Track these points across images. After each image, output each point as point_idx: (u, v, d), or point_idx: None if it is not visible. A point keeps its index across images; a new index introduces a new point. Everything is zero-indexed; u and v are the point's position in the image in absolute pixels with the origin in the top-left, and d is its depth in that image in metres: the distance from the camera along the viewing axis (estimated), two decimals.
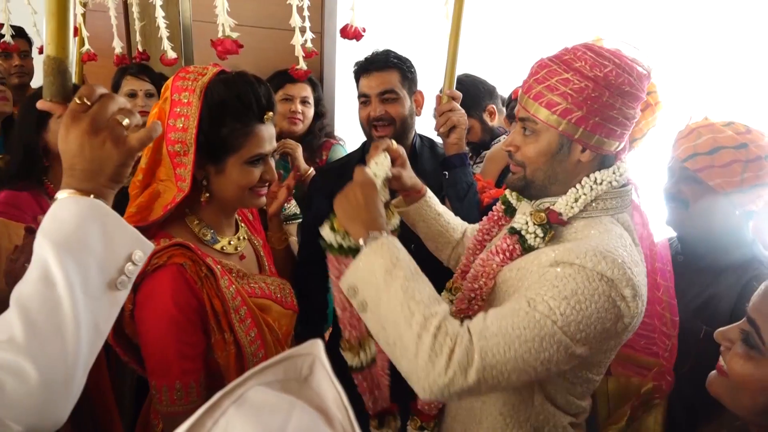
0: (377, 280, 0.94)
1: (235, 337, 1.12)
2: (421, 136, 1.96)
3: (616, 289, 0.94)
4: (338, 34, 1.78)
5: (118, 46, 2.38)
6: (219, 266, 1.14)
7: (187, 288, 1.07)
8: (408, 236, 1.31)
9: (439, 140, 1.88)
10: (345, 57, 2.07)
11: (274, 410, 0.47)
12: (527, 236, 1.07)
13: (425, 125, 2.00)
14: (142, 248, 0.80)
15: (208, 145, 1.11)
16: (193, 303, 1.07)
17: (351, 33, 1.69)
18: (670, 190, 1.39)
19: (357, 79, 1.85)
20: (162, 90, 1.16)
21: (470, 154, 1.98)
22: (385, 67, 1.77)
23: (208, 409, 0.48)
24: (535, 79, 1.04)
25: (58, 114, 0.82)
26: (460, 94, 1.70)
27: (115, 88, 2.24)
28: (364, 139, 1.91)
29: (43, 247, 0.73)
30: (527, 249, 1.07)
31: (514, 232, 1.09)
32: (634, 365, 1.37)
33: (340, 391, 0.50)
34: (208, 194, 1.17)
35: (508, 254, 1.09)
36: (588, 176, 1.05)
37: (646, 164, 1.86)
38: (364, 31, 1.71)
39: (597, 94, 0.98)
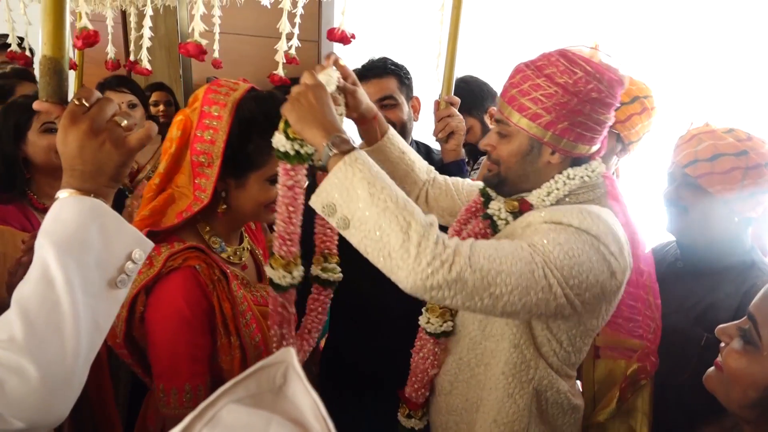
0: (361, 195, 0.90)
1: (241, 341, 1.13)
2: (418, 142, 1.97)
3: (604, 243, 0.98)
4: (335, 42, 1.78)
5: (111, 51, 2.41)
6: (228, 271, 1.15)
7: (200, 290, 1.08)
8: None
9: (436, 146, 1.89)
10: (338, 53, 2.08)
11: (249, 428, 0.46)
12: (498, 222, 1.12)
13: (422, 131, 2.00)
14: (141, 247, 0.81)
15: (233, 159, 1.12)
16: (204, 305, 1.09)
17: (338, 36, 1.69)
18: (670, 195, 1.39)
19: None
20: (191, 99, 1.17)
21: (468, 160, 1.98)
22: (383, 74, 1.78)
23: None
24: (510, 83, 1.09)
25: (55, 115, 0.82)
26: (458, 100, 1.71)
27: None
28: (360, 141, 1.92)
29: (44, 247, 0.74)
30: (496, 233, 1.12)
31: (486, 217, 1.14)
32: (622, 348, 1.39)
33: (316, 400, 0.49)
34: (225, 206, 1.18)
35: (480, 238, 1.12)
36: (561, 173, 1.10)
37: (647, 169, 1.87)
38: (353, 37, 1.71)
39: (566, 100, 1.02)
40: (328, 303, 1.27)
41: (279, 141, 1.02)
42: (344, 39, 1.70)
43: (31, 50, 2.62)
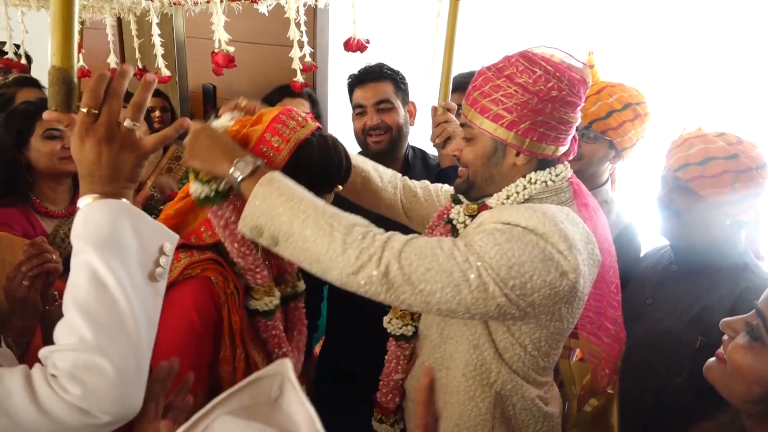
0: (282, 211, 0.95)
1: (247, 353, 1.14)
2: (414, 148, 1.99)
3: (551, 242, 0.96)
4: (330, 49, 1.80)
5: (113, 61, 2.42)
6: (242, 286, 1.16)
7: (211, 301, 1.09)
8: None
9: (432, 151, 1.90)
10: (337, 71, 2.09)
11: None
12: (458, 226, 1.13)
13: (419, 137, 2.02)
14: (169, 240, 0.85)
15: None
16: (213, 316, 1.09)
17: (354, 45, 1.73)
18: (663, 199, 1.40)
19: (351, 92, 1.88)
20: (258, 114, 1.14)
21: None
22: (380, 79, 1.81)
23: None
24: (473, 86, 1.10)
25: (65, 124, 0.84)
26: (455, 106, 1.73)
27: None
28: (359, 150, 1.93)
29: (85, 251, 0.76)
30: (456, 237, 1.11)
31: (448, 221, 1.16)
32: (587, 351, 1.39)
33: (311, 412, 0.49)
34: None
35: None
36: (524, 176, 1.09)
37: (643, 173, 1.88)
38: (367, 42, 1.73)
39: (525, 99, 1.02)
40: (303, 311, 1.31)
41: (196, 189, 1.06)
42: (361, 47, 1.73)
43: (27, 57, 2.63)
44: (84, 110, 0.79)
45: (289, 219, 0.94)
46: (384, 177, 1.42)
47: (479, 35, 2.26)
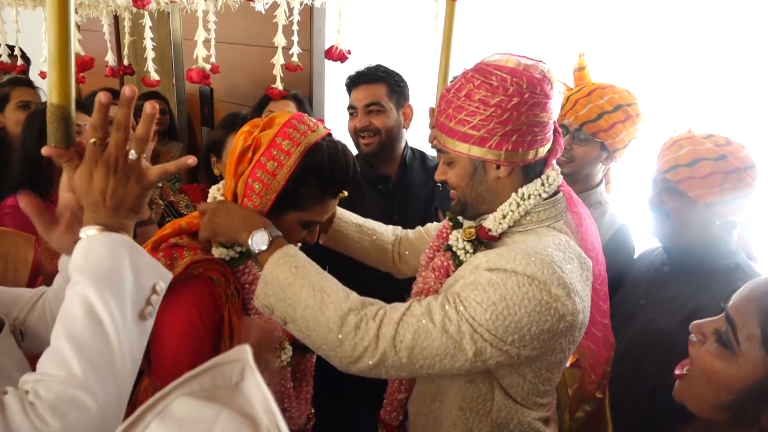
0: (287, 295, 1.00)
1: None
2: (413, 149, 1.99)
3: (548, 290, 0.95)
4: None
5: (111, 59, 2.45)
6: (242, 289, 1.18)
7: (212, 301, 1.10)
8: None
9: (432, 153, 1.91)
10: (334, 72, 2.11)
11: (198, 420, 0.47)
12: (458, 252, 1.12)
13: (418, 138, 2.03)
14: (163, 278, 0.85)
15: (284, 195, 1.13)
16: (213, 316, 1.11)
17: (336, 55, 1.74)
18: (653, 200, 1.41)
19: (349, 92, 1.89)
20: (269, 117, 1.15)
21: None
22: (373, 80, 1.82)
23: (130, 424, 0.48)
24: (438, 111, 1.10)
25: (65, 159, 0.85)
26: None
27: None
28: (355, 152, 1.94)
29: (81, 284, 0.77)
30: (459, 264, 1.11)
31: (447, 248, 1.14)
32: (578, 355, 1.40)
33: (267, 394, 0.50)
34: None
35: (443, 271, 1.13)
36: (516, 192, 1.07)
37: (636, 174, 1.90)
38: (348, 53, 1.75)
39: (489, 114, 1.00)
40: (314, 362, 1.35)
41: (221, 252, 1.12)
42: (342, 57, 1.74)
43: (24, 57, 2.64)
44: (92, 142, 0.82)
45: (292, 305, 1.00)
46: (377, 227, 1.45)
47: (477, 36, 2.28)
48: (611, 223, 1.69)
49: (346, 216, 1.41)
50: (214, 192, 1.20)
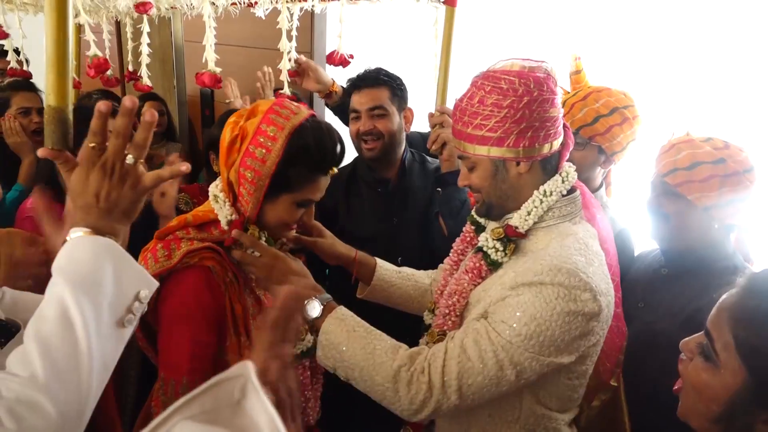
0: (342, 358, 1.09)
1: (251, 342, 1.16)
2: (413, 152, 1.99)
3: (575, 298, 1.03)
4: (327, 54, 1.82)
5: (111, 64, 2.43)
6: (240, 275, 1.19)
7: (209, 290, 1.13)
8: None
9: (431, 155, 1.92)
10: (334, 75, 2.11)
11: None
12: (489, 251, 1.16)
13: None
14: (148, 287, 0.84)
15: (275, 179, 1.15)
16: (213, 305, 1.13)
17: (337, 60, 1.74)
18: (652, 203, 1.42)
19: (349, 96, 1.90)
20: (249, 110, 1.18)
21: None
22: (375, 84, 1.82)
23: None
24: (454, 120, 1.16)
25: (61, 161, 0.86)
26: (450, 110, 1.74)
27: None
28: (356, 154, 1.94)
29: (59, 285, 0.76)
30: (492, 264, 1.15)
31: (478, 250, 1.19)
32: None
33: (273, 414, 0.49)
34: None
35: (476, 272, 1.17)
36: (538, 189, 1.13)
37: (637, 177, 1.90)
38: (351, 57, 1.76)
39: (504, 115, 1.07)
40: (321, 373, 1.37)
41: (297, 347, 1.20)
42: (344, 62, 1.75)
43: (26, 61, 2.64)
44: (90, 146, 0.82)
45: (350, 366, 1.09)
46: (414, 272, 1.50)
47: (476, 41, 2.29)
48: (611, 227, 1.69)
49: (387, 265, 1.46)
50: (213, 188, 1.21)
